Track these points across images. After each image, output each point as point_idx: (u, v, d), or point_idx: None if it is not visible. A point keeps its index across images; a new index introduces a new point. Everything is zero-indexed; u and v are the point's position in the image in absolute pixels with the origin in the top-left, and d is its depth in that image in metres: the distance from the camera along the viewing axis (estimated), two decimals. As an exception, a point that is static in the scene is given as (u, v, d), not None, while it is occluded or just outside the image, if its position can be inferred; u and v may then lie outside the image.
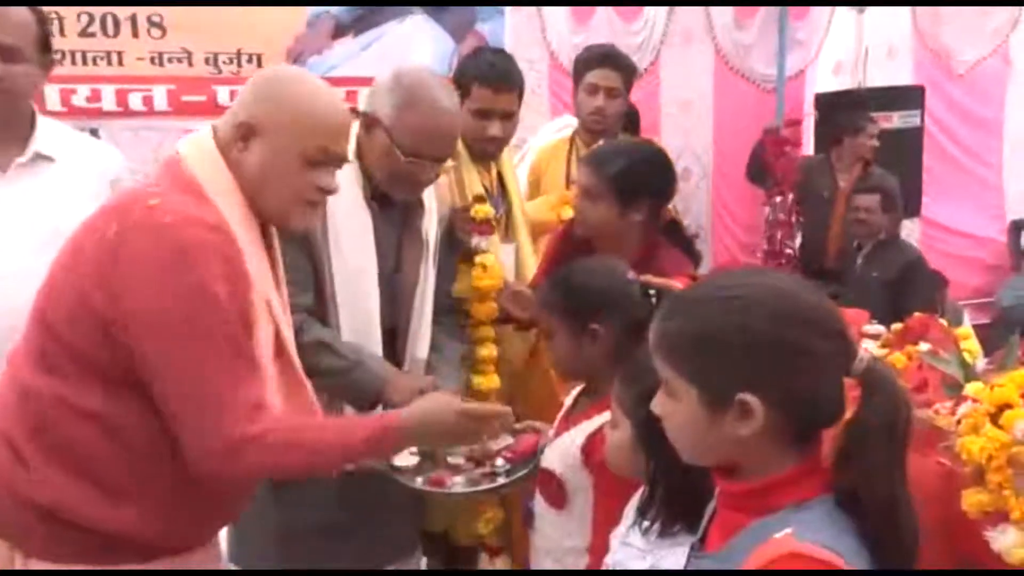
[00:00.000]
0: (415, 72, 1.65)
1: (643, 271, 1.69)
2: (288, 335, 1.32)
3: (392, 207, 1.70)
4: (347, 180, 1.60)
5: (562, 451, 1.40)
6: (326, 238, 1.60)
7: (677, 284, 1.47)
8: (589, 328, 1.39)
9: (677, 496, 1.07)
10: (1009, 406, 1.30)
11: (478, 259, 1.90)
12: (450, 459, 1.54)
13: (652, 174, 1.81)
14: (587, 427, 1.38)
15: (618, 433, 1.19)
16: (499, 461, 1.52)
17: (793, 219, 4.22)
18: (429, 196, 1.75)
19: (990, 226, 5.05)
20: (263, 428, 1.15)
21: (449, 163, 1.70)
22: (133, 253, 1.11)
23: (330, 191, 1.31)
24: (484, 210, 1.90)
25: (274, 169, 1.24)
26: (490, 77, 1.98)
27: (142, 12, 3.64)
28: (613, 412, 1.22)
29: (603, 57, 2.61)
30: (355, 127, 1.67)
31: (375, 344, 1.66)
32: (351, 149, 1.64)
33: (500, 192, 2.09)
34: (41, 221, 1.63)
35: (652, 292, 1.42)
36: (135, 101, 3.67)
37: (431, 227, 1.75)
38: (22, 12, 1.67)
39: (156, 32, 3.66)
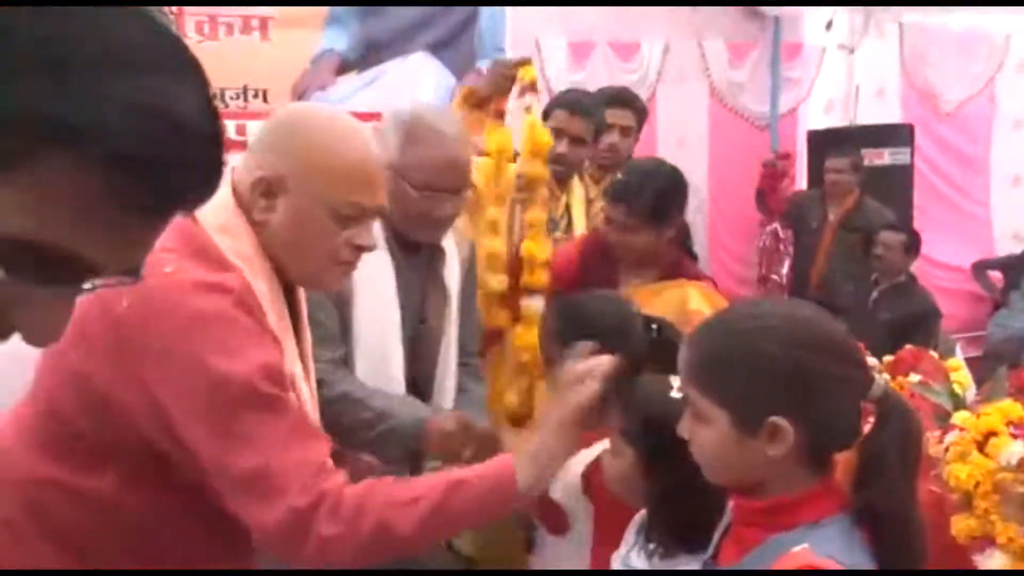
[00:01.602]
0: (413, 108, 1.64)
1: (674, 277, 1.85)
2: (309, 409, 1.17)
3: (416, 255, 1.64)
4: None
5: (562, 478, 1.44)
6: (351, 289, 1.52)
7: (700, 310, 1.54)
8: None
9: (680, 519, 1.11)
10: (995, 434, 1.35)
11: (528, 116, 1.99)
12: None
13: (676, 192, 1.94)
14: (586, 455, 1.41)
15: (620, 461, 1.21)
16: None
17: (782, 248, 4.31)
18: (448, 241, 1.70)
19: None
20: (331, 488, 0.99)
21: (468, 194, 1.64)
22: (149, 329, 0.97)
23: (368, 248, 1.16)
24: (531, 72, 1.95)
25: (304, 229, 1.10)
26: (567, 101, 2.28)
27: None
28: (614, 441, 1.25)
29: (619, 97, 2.76)
30: None
31: None
32: None
33: (567, 222, 2.23)
34: None
35: (654, 326, 1.46)
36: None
37: (453, 273, 1.72)
38: None
39: (164, 68, 3.75)
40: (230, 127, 3.92)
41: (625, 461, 1.20)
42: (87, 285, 0.53)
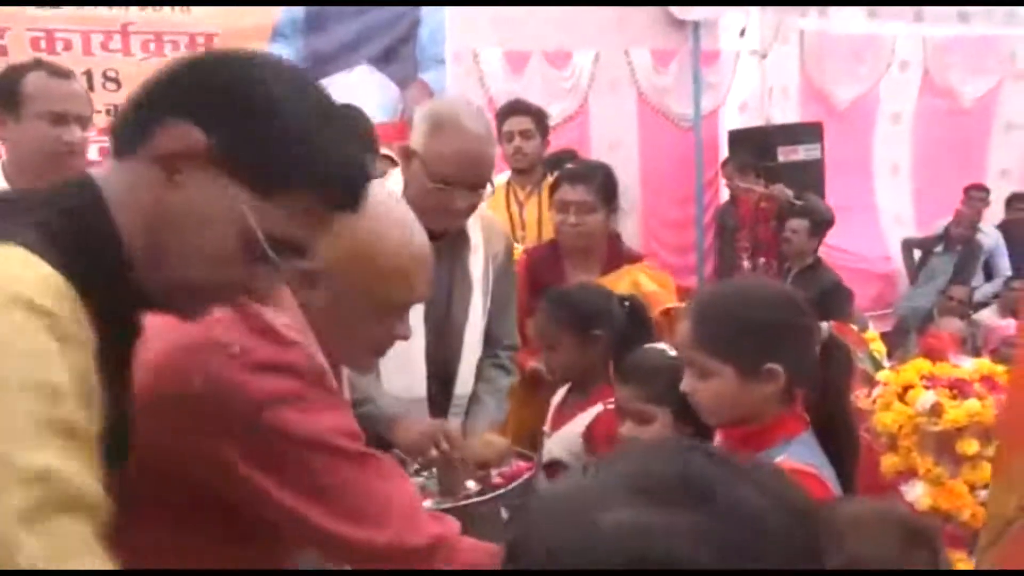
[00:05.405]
0: (447, 102, 1.77)
1: (617, 264, 2.16)
2: None
3: (439, 241, 1.54)
4: None
5: (566, 440, 1.68)
6: None
7: (654, 289, 1.87)
8: (592, 334, 1.70)
9: None
10: (911, 387, 1.68)
11: None
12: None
13: (615, 181, 2.28)
14: (584, 418, 1.68)
15: (656, 426, 1.38)
16: (470, 483, 1.51)
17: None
18: (475, 232, 1.74)
19: (872, 245, 5.66)
20: (447, 534, 0.99)
21: (488, 190, 1.66)
22: (224, 411, 0.93)
23: (404, 338, 1.13)
24: None
25: (341, 318, 1.06)
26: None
27: (97, 67, 3.76)
28: (641, 411, 1.41)
29: (512, 107, 3.18)
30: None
31: (419, 386, 1.65)
32: (399, 184, 1.61)
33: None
34: None
35: (626, 303, 1.74)
36: (91, 151, 3.77)
37: (478, 264, 1.75)
38: (82, 87, 1.94)
39: (111, 86, 3.77)
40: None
41: (662, 423, 1.39)
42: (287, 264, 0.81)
